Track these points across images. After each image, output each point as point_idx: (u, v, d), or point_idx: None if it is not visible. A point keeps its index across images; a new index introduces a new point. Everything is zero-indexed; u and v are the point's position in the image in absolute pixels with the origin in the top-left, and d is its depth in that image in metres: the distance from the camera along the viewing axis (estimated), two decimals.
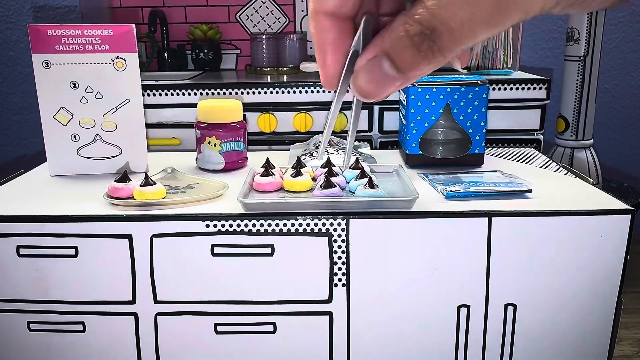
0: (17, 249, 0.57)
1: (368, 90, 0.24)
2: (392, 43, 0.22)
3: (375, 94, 0.24)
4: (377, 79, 0.23)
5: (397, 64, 0.22)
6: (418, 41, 0.21)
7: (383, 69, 0.23)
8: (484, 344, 0.60)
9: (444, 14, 0.21)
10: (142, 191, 0.59)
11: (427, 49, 0.21)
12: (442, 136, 0.77)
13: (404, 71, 0.23)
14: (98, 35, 0.69)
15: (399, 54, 0.22)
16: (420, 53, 0.22)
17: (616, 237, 0.57)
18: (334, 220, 0.56)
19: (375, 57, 0.23)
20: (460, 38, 0.21)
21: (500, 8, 0.20)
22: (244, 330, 0.60)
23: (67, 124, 0.72)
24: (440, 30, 0.21)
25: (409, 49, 0.22)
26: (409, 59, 0.22)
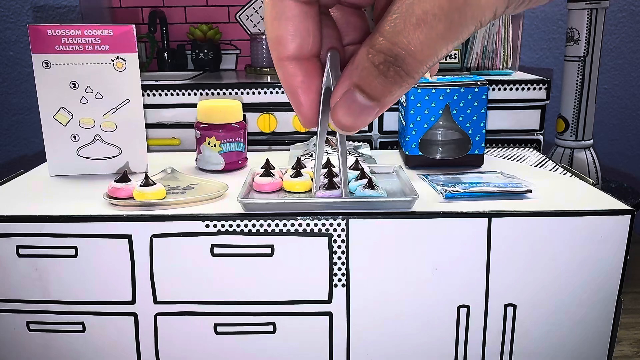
0: (17, 249, 0.57)
1: (347, 123, 0.25)
2: (360, 75, 0.23)
3: (355, 126, 0.25)
4: (354, 111, 0.24)
5: (369, 94, 0.23)
6: (384, 69, 0.22)
7: (358, 101, 0.23)
8: (483, 344, 0.60)
9: (402, 39, 0.21)
10: (142, 191, 0.59)
11: (394, 74, 0.22)
12: (442, 137, 0.77)
13: (378, 99, 0.23)
14: (98, 36, 0.69)
15: (368, 84, 0.23)
16: (389, 79, 0.22)
17: (616, 237, 0.57)
18: (334, 220, 0.56)
19: (347, 90, 0.24)
20: (422, 58, 0.22)
21: (453, 24, 0.20)
22: (243, 331, 0.60)
23: (67, 124, 0.72)
24: (402, 55, 0.21)
25: (377, 78, 0.22)
26: (379, 87, 0.23)
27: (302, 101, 0.26)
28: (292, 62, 0.25)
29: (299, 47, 0.25)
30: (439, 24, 0.20)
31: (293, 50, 0.25)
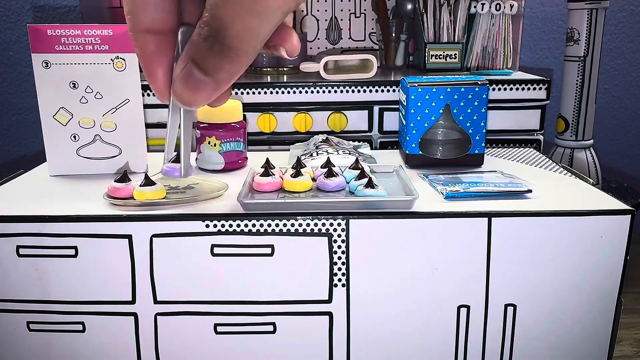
0: (17, 249, 0.57)
1: (186, 97, 0.25)
2: (193, 49, 0.23)
3: (193, 100, 0.25)
4: (191, 86, 0.24)
5: (203, 68, 0.24)
6: (210, 43, 0.23)
7: (194, 76, 0.24)
8: (483, 344, 0.60)
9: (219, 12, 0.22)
10: (142, 191, 0.59)
11: (219, 48, 0.23)
12: (442, 136, 0.77)
13: (211, 74, 0.24)
14: (98, 35, 0.69)
15: (201, 58, 0.23)
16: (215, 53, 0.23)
17: (616, 237, 0.57)
18: (334, 220, 0.56)
19: (186, 65, 0.24)
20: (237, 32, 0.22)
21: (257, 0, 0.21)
22: (243, 331, 0.60)
23: (66, 124, 0.72)
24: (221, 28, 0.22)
25: (207, 52, 0.23)
26: (210, 62, 0.23)
27: (155, 74, 0.27)
28: (146, 34, 0.26)
29: (151, 21, 0.25)
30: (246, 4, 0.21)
31: (146, 24, 0.25)
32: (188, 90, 0.25)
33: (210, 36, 0.23)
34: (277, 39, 0.27)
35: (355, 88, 1.17)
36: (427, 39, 1.30)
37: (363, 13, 1.49)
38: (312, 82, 1.18)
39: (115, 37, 0.69)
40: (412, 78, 0.74)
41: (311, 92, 1.19)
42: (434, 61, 1.31)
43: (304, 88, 1.18)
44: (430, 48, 1.30)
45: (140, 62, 0.27)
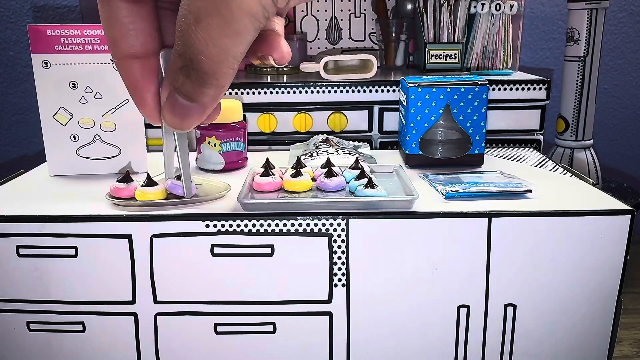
0: (17, 249, 0.57)
1: (177, 123, 0.25)
2: (172, 78, 0.23)
3: (185, 125, 0.25)
4: (179, 112, 0.24)
5: (185, 95, 0.24)
6: (187, 72, 0.23)
7: (180, 103, 0.24)
8: (483, 344, 0.60)
9: (189, 39, 0.22)
10: (144, 192, 0.59)
11: (195, 76, 0.22)
12: (442, 136, 0.77)
13: (195, 100, 0.24)
14: (97, 36, 0.69)
15: (181, 86, 0.23)
16: (194, 81, 0.23)
17: (616, 237, 0.57)
18: (334, 220, 0.56)
19: (169, 93, 0.24)
20: (212, 57, 0.22)
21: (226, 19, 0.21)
22: (243, 331, 0.60)
23: (66, 124, 0.72)
24: (194, 55, 0.22)
25: (185, 81, 0.23)
26: (190, 89, 0.23)
27: (144, 99, 0.26)
28: (130, 60, 0.26)
29: (133, 46, 0.25)
30: (213, 20, 0.21)
31: (129, 49, 0.25)
32: (176, 117, 0.25)
33: (185, 66, 0.22)
34: (265, 48, 0.26)
35: (355, 88, 1.17)
36: (427, 39, 1.30)
37: (363, 13, 1.49)
38: (312, 82, 1.18)
39: None
40: (412, 78, 0.74)
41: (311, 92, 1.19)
42: (434, 61, 1.31)
43: (304, 88, 1.18)
44: (430, 48, 1.30)
45: (127, 88, 0.27)
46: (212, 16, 0.21)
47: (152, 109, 0.27)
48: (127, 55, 0.25)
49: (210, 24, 0.21)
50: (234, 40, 0.22)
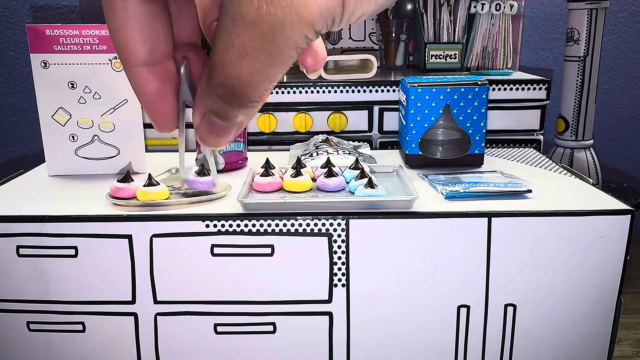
0: (17, 249, 0.57)
1: (213, 142, 0.25)
2: (210, 102, 0.23)
3: (221, 143, 0.25)
4: (216, 132, 0.24)
5: (223, 117, 0.23)
6: (227, 100, 0.22)
7: (216, 123, 0.24)
8: (483, 344, 0.60)
9: (232, 71, 0.21)
10: (145, 191, 0.59)
11: (237, 102, 0.23)
12: (442, 136, 0.77)
13: (232, 120, 0.24)
14: (95, 36, 0.69)
15: (219, 110, 0.23)
16: (234, 106, 0.23)
17: (616, 237, 0.57)
18: (334, 220, 0.56)
19: (204, 114, 0.24)
20: (255, 85, 0.22)
21: (272, 53, 0.21)
22: (243, 331, 0.60)
23: (65, 124, 0.72)
24: (237, 85, 0.22)
25: (225, 107, 0.23)
26: (228, 113, 0.23)
27: (157, 109, 0.25)
28: (142, 68, 0.24)
29: (150, 52, 0.24)
30: (260, 55, 0.21)
31: (144, 56, 0.24)
32: (214, 137, 0.24)
33: (226, 94, 0.22)
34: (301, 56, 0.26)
35: (355, 88, 1.17)
36: (427, 39, 1.30)
37: None
38: (312, 82, 1.18)
39: (109, 38, 0.69)
40: (412, 78, 0.74)
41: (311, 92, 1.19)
42: (434, 61, 1.31)
43: (304, 88, 1.18)
44: (430, 48, 1.30)
45: (139, 98, 0.25)
46: (259, 52, 0.21)
47: (171, 119, 0.26)
48: (142, 62, 0.24)
49: (257, 59, 0.21)
50: (279, 69, 0.22)
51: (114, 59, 0.70)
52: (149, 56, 0.24)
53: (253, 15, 0.20)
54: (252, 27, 0.20)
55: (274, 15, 0.20)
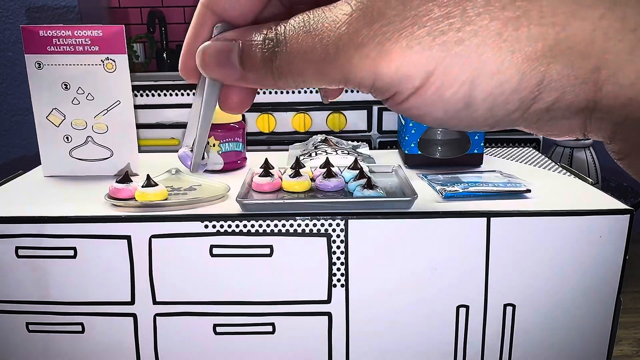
0: (16, 249, 0.57)
1: (207, 61, 0.24)
2: (251, 35, 0.22)
3: (211, 69, 0.24)
4: (219, 56, 0.23)
5: (242, 54, 0.23)
6: (266, 45, 0.22)
7: (230, 52, 0.23)
8: (483, 344, 0.60)
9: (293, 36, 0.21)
10: (144, 192, 0.59)
11: (267, 57, 0.22)
12: (441, 136, 0.77)
13: (244, 66, 0.23)
14: (88, 36, 0.68)
15: (249, 46, 0.22)
16: (262, 57, 0.22)
17: (615, 237, 0.57)
18: (333, 220, 0.56)
19: (233, 39, 0.23)
20: (290, 63, 0.21)
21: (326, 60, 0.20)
22: (242, 331, 0.60)
23: (59, 125, 0.71)
24: (282, 49, 0.21)
25: (257, 48, 0.22)
26: (252, 57, 0.22)
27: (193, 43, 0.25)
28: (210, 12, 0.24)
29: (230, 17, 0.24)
30: (316, 53, 0.20)
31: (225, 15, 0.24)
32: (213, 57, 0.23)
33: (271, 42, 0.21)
34: None
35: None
36: None
37: None
38: None
39: (105, 38, 0.69)
40: None
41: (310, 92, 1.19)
42: None
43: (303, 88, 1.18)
44: None
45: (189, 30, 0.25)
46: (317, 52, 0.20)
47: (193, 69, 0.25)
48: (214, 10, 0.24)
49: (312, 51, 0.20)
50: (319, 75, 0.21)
51: (106, 60, 0.69)
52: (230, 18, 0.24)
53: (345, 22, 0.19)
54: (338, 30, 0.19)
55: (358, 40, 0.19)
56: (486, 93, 0.18)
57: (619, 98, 0.17)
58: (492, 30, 0.17)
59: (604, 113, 0.18)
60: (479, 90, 0.18)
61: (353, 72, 0.20)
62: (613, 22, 0.16)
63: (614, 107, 0.17)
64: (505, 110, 0.18)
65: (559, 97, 0.17)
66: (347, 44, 0.19)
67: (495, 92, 0.18)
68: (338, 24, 0.19)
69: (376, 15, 0.18)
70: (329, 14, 0.20)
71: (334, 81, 0.21)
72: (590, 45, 0.16)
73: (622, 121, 0.18)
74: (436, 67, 0.18)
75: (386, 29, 0.18)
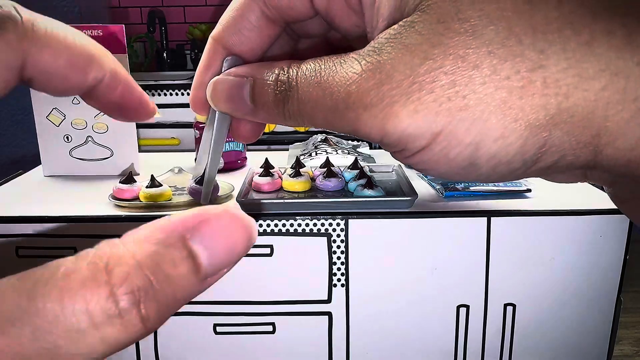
0: (16, 249, 0.57)
1: (219, 95, 0.24)
2: (264, 73, 0.23)
3: (222, 103, 0.24)
4: (230, 91, 0.24)
5: (254, 92, 0.23)
6: (279, 87, 0.22)
7: (242, 90, 0.23)
8: (483, 343, 0.60)
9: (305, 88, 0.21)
10: (148, 193, 0.59)
11: (280, 99, 0.22)
12: None
13: (255, 102, 0.23)
14: (88, 36, 0.68)
15: (262, 85, 0.23)
16: (275, 97, 0.22)
17: (616, 237, 0.57)
18: (333, 220, 0.56)
19: (244, 75, 0.23)
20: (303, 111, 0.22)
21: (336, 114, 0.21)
22: (243, 331, 0.60)
23: (59, 125, 0.71)
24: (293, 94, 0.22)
25: (269, 88, 0.22)
26: (264, 95, 0.23)
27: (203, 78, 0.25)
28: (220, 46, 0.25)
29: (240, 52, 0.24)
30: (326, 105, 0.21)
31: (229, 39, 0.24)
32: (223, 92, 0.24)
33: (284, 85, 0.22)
34: None
35: None
36: None
37: None
38: None
39: (105, 38, 0.69)
40: None
41: None
42: None
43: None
44: None
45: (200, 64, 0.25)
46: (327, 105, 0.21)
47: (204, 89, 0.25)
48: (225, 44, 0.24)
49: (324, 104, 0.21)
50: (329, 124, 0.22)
51: None
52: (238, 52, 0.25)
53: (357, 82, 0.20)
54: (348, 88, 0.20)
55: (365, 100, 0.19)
56: (490, 155, 0.19)
57: (618, 160, 0.18)
58: (497, 98, 0.18)
59: (603, 171, 0.19)
60: (483, 152, 0.19)
61: (362, 128, 0.20)
62: (614, 93, 0.17)
63: (613, 166, 0.18)
64: (508, 169, 0.19)
65: (560, 159, 0.18)
66: (356, 103, 0.20)
67: (499, 155, 0.18)
68: (348, 82, 0.20)
69: (385, 78, 0.19)
70: (340, 68, 0.20)
71: (343, 131, 0.21)
72: (592, 114, 0.17)
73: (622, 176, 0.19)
74: (442, 130, 0.18)
75: (394, 92, 0.19)
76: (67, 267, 0.14)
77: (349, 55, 0.20)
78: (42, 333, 0.14)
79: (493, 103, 0.18)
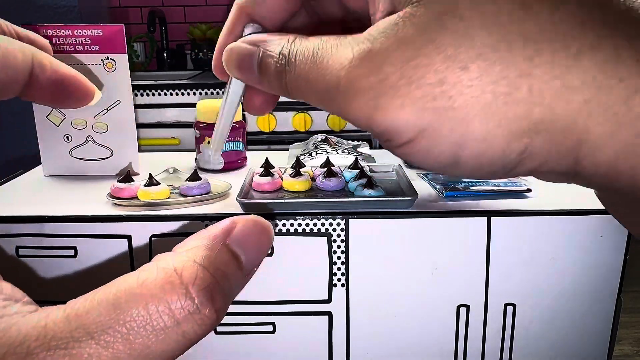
0: (17, 249, 0.57)
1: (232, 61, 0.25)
2: (271, 44, 0.23)
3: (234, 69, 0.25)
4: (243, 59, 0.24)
5: (262, 61, 0.23)
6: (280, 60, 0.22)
7: (252, 58, 0.24)
8: (483, 343, 0.60)
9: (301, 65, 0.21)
10: (146, 191, 0.59)
11: (279, 71, 0.23)
12: None
13: (261, 72, 0.24)
14: (88, 36, 0.68)
15: (267, 56, 0.23)
16: (275, 69, 0.23)
17: (616, 237, 0.57)
18: (333, 220, 0.56)
19: (257, 45, 0.24)
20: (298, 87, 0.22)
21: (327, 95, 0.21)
22: (243, 331, 0.60)
23: (59, 125, 0.71)
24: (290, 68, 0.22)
25: (272, 59, 0.23)
26: (268, 66, 0.23)
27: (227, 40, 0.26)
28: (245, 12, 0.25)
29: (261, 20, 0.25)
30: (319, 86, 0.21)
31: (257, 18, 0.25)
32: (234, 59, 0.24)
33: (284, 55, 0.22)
34: None
35: None
36: None
37: None
38: None
39: (105, 38, 0.68)
40: None
41: None
42: None
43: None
44: None
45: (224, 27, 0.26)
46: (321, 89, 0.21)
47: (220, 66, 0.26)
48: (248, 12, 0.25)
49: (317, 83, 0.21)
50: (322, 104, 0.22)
51: (106, 59, 0.69)
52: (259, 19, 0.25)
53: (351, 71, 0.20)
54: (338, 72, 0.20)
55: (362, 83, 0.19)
56: (472, 156, 0.19)
57: (597, 171, 0.18)
58: (482, 101, 0.18)
59: (585, 180, 0.19)
60: (466, 152, 0.19)
61: (350, 113, 0.20)
62: (596, 106, 0.17)
63: (592, 177, 0.18)
64: (490, 170, 0.19)
65: (541, 164, 0.19)
66: (347, 88, 0.20)
67: (481, 157, 0.19)
68: (339, 67, 0.20)
69: (374, 68, 0.19)
70: (335, 51, 0.20)
71: (334, 113, 0.22)
72: (574, 124, 0.17)
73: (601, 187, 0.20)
74: (427, 128, 0.19)
75: (383, 84, 0.19)
76: (140, 276, 0.17)
77: (346, 38, 0.20)
78: (133, 337, 0.16)
79: (478, 106, 0.18)
